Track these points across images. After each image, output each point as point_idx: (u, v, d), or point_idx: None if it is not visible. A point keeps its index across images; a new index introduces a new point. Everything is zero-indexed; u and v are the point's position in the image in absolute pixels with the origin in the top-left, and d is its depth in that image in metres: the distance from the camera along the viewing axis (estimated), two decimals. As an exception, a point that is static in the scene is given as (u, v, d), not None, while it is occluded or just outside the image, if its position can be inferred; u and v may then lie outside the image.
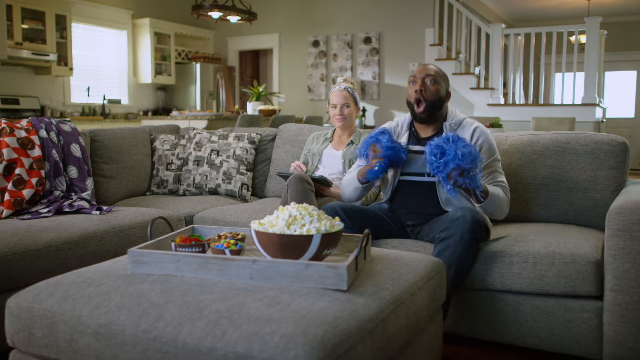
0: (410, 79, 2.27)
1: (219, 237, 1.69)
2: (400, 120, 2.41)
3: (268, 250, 1.49)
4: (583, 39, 8.16)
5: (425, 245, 2.15)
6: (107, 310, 1.32)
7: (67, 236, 2.24)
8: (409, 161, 2.26)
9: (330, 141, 2.90)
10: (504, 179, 2.23)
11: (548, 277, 1.95)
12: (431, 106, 2.22)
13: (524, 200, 2.47)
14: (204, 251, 1.61)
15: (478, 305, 2.06)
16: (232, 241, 1.58)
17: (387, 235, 2.25)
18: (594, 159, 2.40)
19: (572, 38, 8.62)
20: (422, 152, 2.24)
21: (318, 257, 1.48)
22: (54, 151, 2.72)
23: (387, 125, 2.41)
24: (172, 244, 1.61)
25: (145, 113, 8.49)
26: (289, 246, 1.45)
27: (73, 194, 2.73)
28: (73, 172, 2.78)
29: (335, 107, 2.79)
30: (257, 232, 1.49)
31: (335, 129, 2.93)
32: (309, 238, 1.44)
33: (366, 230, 1.55)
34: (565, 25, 7.23)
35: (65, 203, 2.57)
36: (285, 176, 2.66)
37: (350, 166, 2.76)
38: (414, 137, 2.33)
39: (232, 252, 1.54)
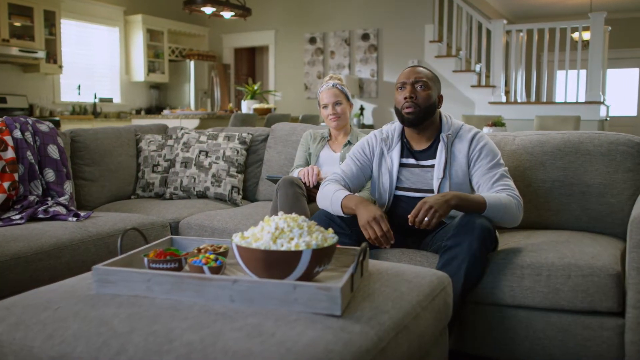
0: (399, 84, 2.06)
1: (199, 250, 1.51)
2: (389, 130, 2.17)
3: (251, 267, 1.31)
4: (585, 35, 7.98)
5: (428, 255, 1.97)
6: (62, 340, 1.14)
7: (39, 246, 2.06)
8: (405, 176, 2.09)
9: (328, 141, 2.71)
10: (510, 182, 2.02)
11: (563, 292, 1.78)
12: (423, 113, 2.02)
13: (534, 205, 2.29)
14: (180, 267, 1.43)
15: (485, 321, 1.89)
16: (212, 256, 1.40)
17: None
18: (609, 160, 2.23)
19: (575, 35, 8.45)
20: (415, 166, 2.08)
21: (308, 275, 1.30)
22: (28, 153, 2.54)
23: (371, 136, 2.17)
24: (145, 260, 1.43)
25: (139, 112, 8.30)
26: (274, 263, 1.27)
27: (49, 198, 2.54)
28: (50, 175, 2.59)
29: (327, 107, 2.59)
30: (239, 247, 1.31)
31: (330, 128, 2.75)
32: (297, 254, 1.26)
33: (363, 244, 1.37)
34: (569, 20, 7.05)
35: (40, 209, 2.38)
36: (275, 180, 2.48)
37: None
38: (406, 150, 2.12)
39: (212, 270, 1.36)
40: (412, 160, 2.10)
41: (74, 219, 2.34)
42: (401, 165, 2.10)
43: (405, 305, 1.33)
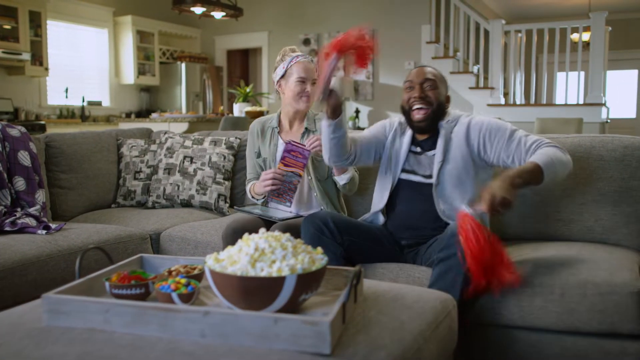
0: (407, 84, 2.01)
1: (169, 273, 1.32)
2: (403, 121, 2.12)
3: (227, 295, 1.12)
4: (585, 36, 7.84)
5: (427, 271, 1.80)
6: (-3, 388, 0.95)
7: (1, 263, 1.88)
8: (412, 162, 2.02)
9: (279, 132, 2.33)
10: (536, 137, 1.88)
11: (579, 312, 1.61)
12: (432, 114, 1.96)
13: (544, 214, 2.12)
14: (147, 293, 1.25)
15: (492, 344, 1.71)
16: (184, 280, 1.22)
17: (382, 257, 1.91)
18: (624, 166, 2.06)
19: (574, 36, 8.30)
20: (421, 154, 2.02)
21: (293, 304, 1.12)
22: (-4, 160, 2.35)
23: (391, 119, 2.20)
24: (107, 284, 1.25)
25: (129, 115, 8.09)
26: (253, 291, 1.09)
27: (19, 209, 2.35)
28: (20, 183, 2.40)
29: (304, 82, 2.20)
30: (212, 272, 1.12)
31: (279, 115, 2.35)
32: (279, 280, 1.08)
33: (357, 267, 1.19)
34: (569, 20, 6.89)
35: (7, 221, 2.19)
36: (246, 214, 2.22)
37: (313, 163, 2.23)
38: (414, 138, 2.08)
39: (182, 297, 1.18)
40: (419, 149, 2.04)
41: (44, 231, 2.15)
42: (410, 152, 2.05)
43: (405, 337, 1.15)
